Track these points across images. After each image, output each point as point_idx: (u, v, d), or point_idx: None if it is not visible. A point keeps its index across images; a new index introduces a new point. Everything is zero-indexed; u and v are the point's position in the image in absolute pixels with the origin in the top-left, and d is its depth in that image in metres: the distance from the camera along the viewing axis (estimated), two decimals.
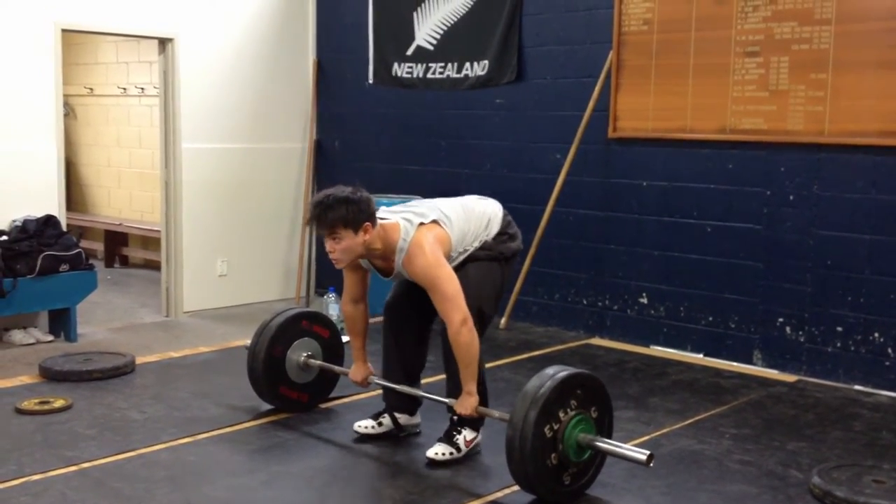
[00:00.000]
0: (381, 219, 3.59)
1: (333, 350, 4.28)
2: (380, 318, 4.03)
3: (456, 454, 3.64)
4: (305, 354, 4.18)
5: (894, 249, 4.74)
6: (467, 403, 3.55)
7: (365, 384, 3.97)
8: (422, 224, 3.57)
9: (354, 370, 3.96)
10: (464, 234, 3.67)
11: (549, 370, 3.34)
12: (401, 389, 3.84)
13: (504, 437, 3.27)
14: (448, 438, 3.67)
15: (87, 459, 3.61)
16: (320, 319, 4.31)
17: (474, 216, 3.72)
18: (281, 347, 4.12)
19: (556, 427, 3.24)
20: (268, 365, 4.10)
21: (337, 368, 4.20)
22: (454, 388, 3.70)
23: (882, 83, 4.70)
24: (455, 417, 3.70)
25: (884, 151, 4.74)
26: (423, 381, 4.08)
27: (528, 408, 3.21)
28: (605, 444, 3.30)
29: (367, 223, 3.49)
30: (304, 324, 4.21)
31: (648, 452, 3.18)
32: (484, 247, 3.72)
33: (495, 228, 3.75)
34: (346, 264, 3.61)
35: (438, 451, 3.64)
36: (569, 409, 3.27)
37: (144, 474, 3.50)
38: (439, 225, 3.61)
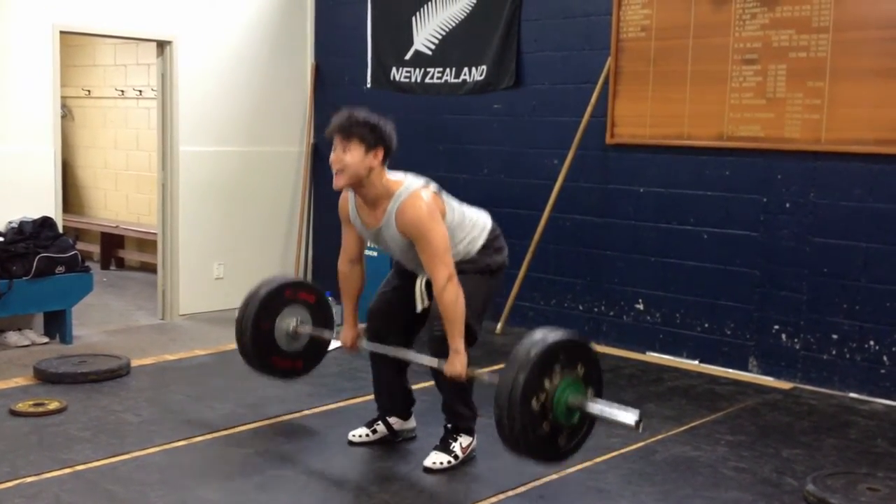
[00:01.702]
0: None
1: (322, 314, 4.19)
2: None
3: (453, 462, 3.63)
4: (294, 323, 4.09)
5: (890, 257, 4.75)
6: (455, 362, 3.45)
7: (355, 348, 3.89)
8: (425, 188, 3.53)
9: (344, 334, 3.91)
10: (457, 226, 3.61)
11: (528, 342, 3.23)
12: (388, 351, 3.72)
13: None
14: (444, 446, 3.66)
15: (82, 462, 3.60)
16: (304, 286, 4.24)
17: (467, 219, 3.70)
18: (267, 320, 4.03)
19: (543, 398, 3.15)
20: (256, 338, 4.02)
21: (326, 333, 4.11)
22: (445, 406, 3.69)
23: (879, 91, 4.72)
24: (449, 425, 3.69)
25: (880, 160, 4.75)
26: (418, 386, 4.08)
27: (511, 385, 3.13)
28: (593, 410, 3.21)
29: (381, 149, 3.45)
30: (289, 293, 4.11)
31: (637, 416, 3.11)
32: (470, 259, 3.65)
33: (482, 240, 3.69)
34: (344, 183, 3.49)
35: (435, 459, 3.62)
36: (554, 377, 3.17)
37: (139, 477, 3.50)
38: (441, 199, 3.57)
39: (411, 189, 3.49)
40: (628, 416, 3.12)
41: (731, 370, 5.26)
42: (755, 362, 5.24)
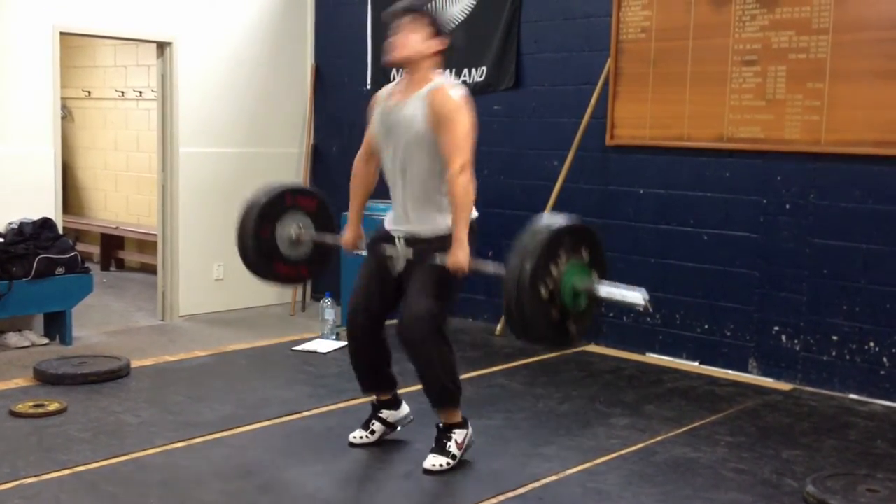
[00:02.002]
0: None
1: (323, 220, 4.15)
2: None
3: (452, 462, 3.62)
4: (295, 229, 4.05)
5: (890, 259, 4.75)
6: (458, 253, 3.44)
7: (355, 249, 3.88)
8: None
9: (346, 235, 3.90)
10: None
11: (532, 229, 3.23)
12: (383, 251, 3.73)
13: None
14: (440, 448, 3.65)
15: (82, 463, 3.60)
16: (304, 192, 4.22)
17: None
18: (268, 227, 4.00)
19: (550, 284, 3.16)
20: (257, 247, 4.00)
21: (328, 238, 4.07)
22: (433, 398, 3.66)
23: (879, 93, 4.72)
24: (441, 424, 3.67)
25: (880, 161, 4.75)
26: (405, 390, 4.06)
27: (518, 274, 3.12)
28: (601, 292, 3.24)
29: (440, 38, 3.58)
30: (288, 199, 4.08)
31: (645, 294, 3.14)
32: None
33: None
34: (402, 55, 3.57)
35: (434, 462, 3.61)
36: (560, 263, 3.18)
37: (138, 478, 3.50)
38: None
39: (453, 81, 3.60)
40: (636, 296, 3.15)
41: (730, 371, 5.26)
42: (755, 363, 5.24)
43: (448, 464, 3.61)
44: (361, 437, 3.91)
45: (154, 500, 3.31)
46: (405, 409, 3.97)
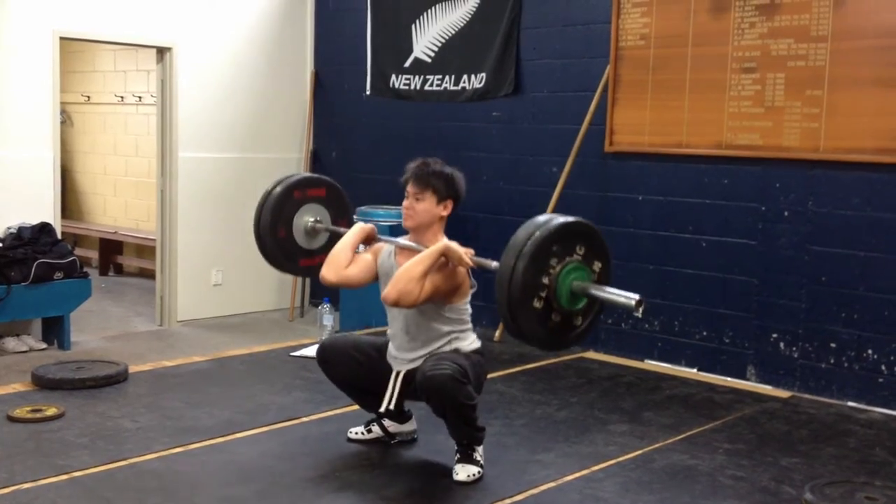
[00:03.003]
0: None
1: (336, 204, 4.21)
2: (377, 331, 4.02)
3: (482, 471, 3.62)
4: (310, 223, 4.12)
5: (888, 266, 4.76)
6: (445, 248, 3.48)
7: (374, 233, 3.86)
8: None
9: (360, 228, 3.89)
10: (466, 319, 3.72)
11: (523, 231, 3.22)
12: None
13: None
14: (468, 458, 3.62)
15: (79, 468, 3.60)
16: (311, 183, 4.24)
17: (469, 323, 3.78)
18: (283, 228, 4.06)
19: (544, 293, 3.17)
20: (278, 248, 4.06)
21: (343, 230, 4.06)
22: (454, 434, 3.66)
23: (877, 100, 4.72)
24: (465, 441, 3.65)
25: (879, 168, 4.76)
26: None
27: (511, 271, 3.13)
28: (595, 292, 3.23)
29: (451, 201, 3.66)
30: (297, 195, 4.12)
31: (637, 297, 3.14)
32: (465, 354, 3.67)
33: (476, 346, 3.74)
34: (412, 225, 3.65)
35: (469, 472, 3.58)
36: (552, 268, 3.18)
37: (136, 484, 3.49)
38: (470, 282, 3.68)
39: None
40: (628, 300, 3.16)
41: (729, 378, 5.26)
42: (753, 371, 5.24)
43: (479, 473, 3.61)
44: (357, 434, 3.98)
45: None
46: (411, 425, 3.99)
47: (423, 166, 3.66)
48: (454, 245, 3.52)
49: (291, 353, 5.51)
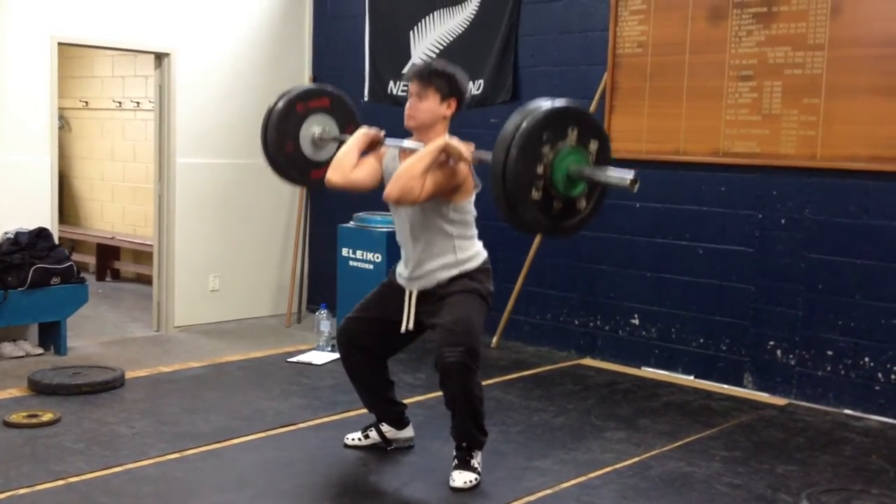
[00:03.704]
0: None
1: (341, 112, 4.17)
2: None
3: (479, 478, 3.61)
4: (317, 134, 4.08)
5: (885, 274, 4.76)
6: (446, 143, 3.48)
7: (378, 138, 3.82)
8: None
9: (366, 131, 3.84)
10: (471, 222, 3.69)
11: (514, 120, 3.20)
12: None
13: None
14: (465, 464, 3.62)
15: (75, 474, 3.59)
16: (311, 94, 4.20)
17: (475, 229, 3.76)
18: (290, 142, 4.03)
19: (541, 172, 3.15)
20: (288, 164, 4.04)
21: (349, 137, 4.00)
22: (458, 433, 3.67)
23: (874, 109, 4.73)
24: (464, 444, 3.66)
25: (875, 177, 4.77)
26: (412, 399, 4.07)
27: (503, 166, 3.13)
28: (589, 174, 3.20)
29: (454, 99, 3.60)
30: (300, 108, 4.09)
31: (632, 175, 3.12)
32: (475, 277, 3.66)
33: (482, 258, 3.72)
34: (414, 125, 3.63)
35: (465, 479, 3.58)
36: (548, 150, 3.16)
37: (132, 490, 3.49)
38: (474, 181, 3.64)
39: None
40: (623, 179, 3.15)
41: (726, 386, 5.26)
42: (750, 378, 5.24)
43: (476, 479, 3.60)
44: (354, 439, 3.97)
45: None
46: (408, 432, 3.99)
47: (426, 65, 3.65)
48: (455, 141, 3.51)
49: (288, 359, 5.51)
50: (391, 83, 6.92)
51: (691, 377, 5.42)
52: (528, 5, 6.14)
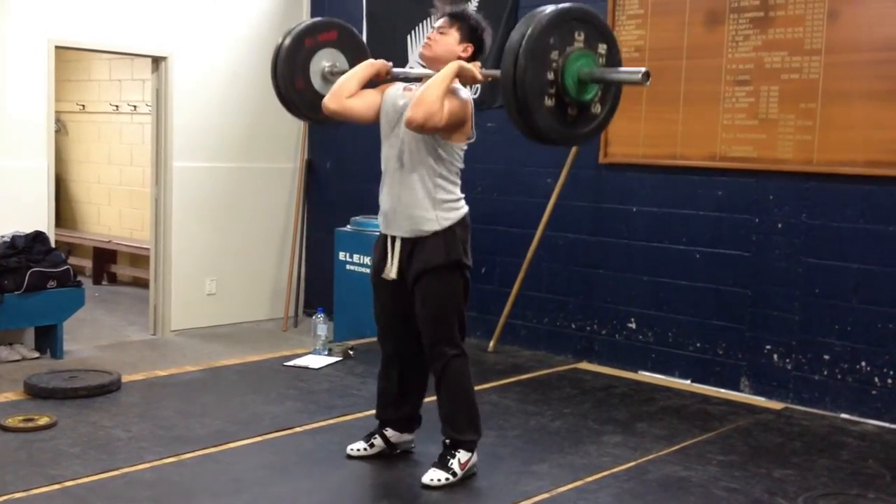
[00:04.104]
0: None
1: (350, 45, 4.14)
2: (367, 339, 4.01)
3: (451, 479, 3.60)
4: (326, 68, 4.06)
5: (882, 279, 4.77)
6: (466, 67, 3.52)
7: (386, 69, 3.78)
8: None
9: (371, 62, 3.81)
10: (458, 171, 3.71)
11: (520, 28, 3.17)
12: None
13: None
14: (442, 463, 3.64)
15: (71, 478, 3.58)
16: (318, 28, 4.15)
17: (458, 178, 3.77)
18: (300, 77, 4.01)
19: (552, 78, 3.15)
20: (301, 100, 4.02)
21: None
22: (447, 421, 3.68)
23: (871, 114, 4.74)
24: (447, 441, 3.68)
25: (872, 181, 4.78)
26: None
27: (513, 77, 3.11)
28: (600, 74, 3.21)
29: (472, 46, 3.65)
30: (308, 42, 4.05)
31: (643, 70, 3.15)
32: (453, 242, 3.63)
33: (463, 210, 3.71)
34: (429, 54, 3.66)
35: (433, 476, 3.60)
36: (556, 55, 3.16)
37: (128, 494, 3.48)
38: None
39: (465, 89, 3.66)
40: (633, 76, 3.20)
41: (722, 390, 5.26)
42: (747, 382, 5.24)
43: (447, 479, 3.59)
44: (360, 450, 3.90)
45: None
46: (409, 435, 3.97)
47: (461, 9, 3.71)
48: (465, 63, 3.55)
49: (285, 363, 5.50)
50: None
51: (688, 381, 5.42)
52: (524, 10, 6.14)
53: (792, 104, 4.99)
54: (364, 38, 7.03)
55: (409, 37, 6.76)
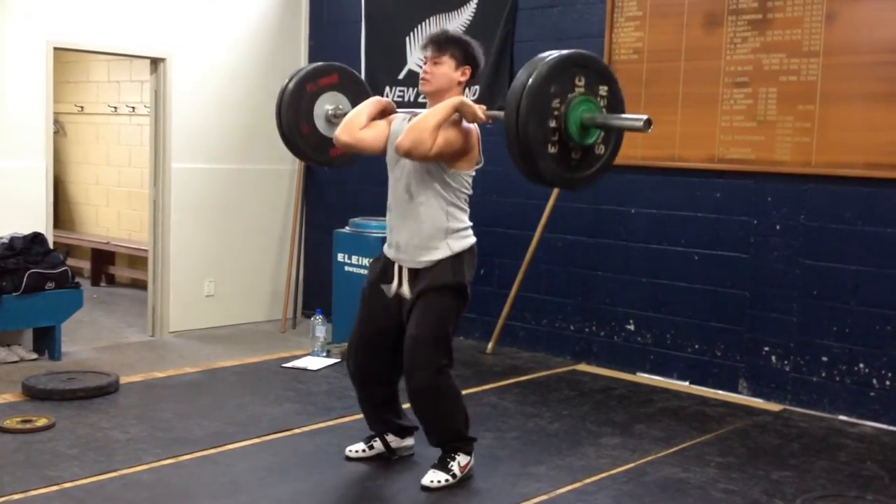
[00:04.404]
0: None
1: (351, 87, 4.20)
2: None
3: (451, 480, 3.62)
4: (329, 111, 4.11)
5: (880, 280, 4.77)
6: (460, 103, 3.55)
7: (390, 107, 3.86)
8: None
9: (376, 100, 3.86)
10: (465, 200, 3.73)
11: (521, 78, 3.22)
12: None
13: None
14: (442, 465, 3.65)
15: (69, 479, 3.58)
16: (319, 72, 4.21)
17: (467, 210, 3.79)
18: (304, 123, 4.06)
19: (554, 126, 3.18)
20: (305, 144, 4.08)
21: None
22: (448, 432, 3.69)
23: (869, 115, 4.75)
24: (446, 442, 3.67)
25: (870, 183, 4.78)
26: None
27: (515, 127, 3.16)
28: (602, 121, 3.23)
29: (469, 67, 3.67)
30: (310, 87, 4.11)
31: (645, 117, 3.16)
32: (458, 267, 3.64)
33: (470, 241, 3.72)
34: (429, 90, 3.66)
35: (433, 478, 3.61)
36: (558, 103, 3.20)
37: (126, 495, 3.48)
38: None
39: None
40: (636, 122, 3.19)
41: (721, 392, 5.26)
42: (745, 384, 5.24)
43: (447, 481, 3.60)
44: (358, 452, 3.92)
45: None
46: (410, 441, 3.98)
47: (442, 32, 3.72)
48: (468, 101, 3.57)
49: (283, 365, 5.50)
50: (387, 89, 6.92)
51: (686, 383, 5.42)
52: (523, 11, 6.15)
53: (790, 106, 4.99)
54: (363, 39, 7.05)
55: (407, 38, 6.76)
